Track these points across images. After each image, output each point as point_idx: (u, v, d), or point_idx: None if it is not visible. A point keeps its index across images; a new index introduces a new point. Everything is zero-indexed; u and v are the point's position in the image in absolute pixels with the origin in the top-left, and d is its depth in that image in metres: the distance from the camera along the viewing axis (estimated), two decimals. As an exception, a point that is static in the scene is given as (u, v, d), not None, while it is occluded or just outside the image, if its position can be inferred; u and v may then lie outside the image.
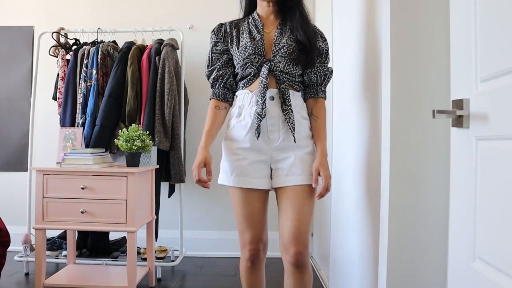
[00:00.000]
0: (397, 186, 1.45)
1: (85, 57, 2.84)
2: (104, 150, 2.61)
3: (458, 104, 1.08)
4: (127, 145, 2.37)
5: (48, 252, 2.78)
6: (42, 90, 3.15)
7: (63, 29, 2.98)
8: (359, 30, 1.90)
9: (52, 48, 2.99)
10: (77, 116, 2.81)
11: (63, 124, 2.85)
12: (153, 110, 2.77)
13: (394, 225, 1.45)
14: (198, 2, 3.33)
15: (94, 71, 2.79)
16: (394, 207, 1.45)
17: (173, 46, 2.87)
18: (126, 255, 2.36)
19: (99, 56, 2.81)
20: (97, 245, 2.95)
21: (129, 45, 2.87)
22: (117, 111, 2.79)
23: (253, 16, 1.67)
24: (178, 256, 2.99)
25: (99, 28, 2.95)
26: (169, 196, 3.05)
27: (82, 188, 2.31)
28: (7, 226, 2.14)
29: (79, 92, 2.82)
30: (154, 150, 2.62)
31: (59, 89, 2.92)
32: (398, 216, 1.45)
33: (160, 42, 2.88)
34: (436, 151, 1.43)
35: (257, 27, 1.63)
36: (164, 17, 3.26)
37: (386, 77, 1.48)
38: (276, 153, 1.57)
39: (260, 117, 1.52)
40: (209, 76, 1.69)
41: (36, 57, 2.96)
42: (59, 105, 2.92)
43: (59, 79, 2.93)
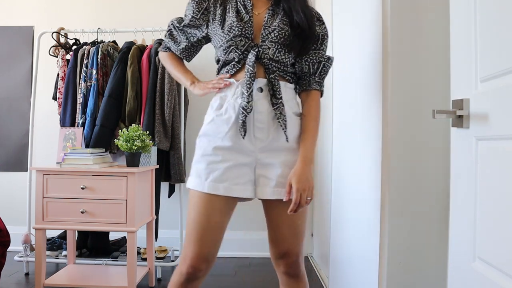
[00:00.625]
0: (397, 186, 1.45)
1: (85, 57, 2.84)
2: (104, 150, 2.61)
3: (458, 104, 1.08)
4: (127, 145, 2.37)
5: (48, 252, 2.78)
6: (42, 90, 3.15)
7: (63, 29, 2.98)
8: (359, 30, 1.90)
9: (52, 48, 2.99)
10: (77, 116, 2.81)
11: (63, 124, 2.85)
12: (153, 110, 2.77)
13: (394, 225, 1.45)
14: (198, 2, 3.32)
15: (94, 71, 2.79)
16: (394, 207, 1.45)
17: (173, 46, 2.87)
18: (126, 255, 2.36)
19: (99, 56, 2.81)
20: (97, 245, 2.95)
21: (129, 45, 2.87)
22: (117, 111, 2.79)
23: None
24: (178, 256, 2.99)
25: (99, 28, 2.95)
26: (169, 196, 3.05)
27: (82, 188, 2.31)
28: (7, 226, 2.14)
29: (79, 92, 2.82)
30: (154, 150, 2.62)
31: (59, 89, 2.92)
32: (398, 216, 1.45)
33: (160, 42, 2.88)
34: (436, 151, 1.43)
35: (245, 7, 1.40)
36: (164, 17, 3.25)
37: (386, 77, 1.48)
38: (263, 155, 1.33)
39: (246, 111, 1.29)
40: (171, 35, 1.53)
41: (36, 57, 2.96)
42: (59, 105, 2.92)
43: (59, 79, 2.93)
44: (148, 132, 2.52)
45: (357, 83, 1.94)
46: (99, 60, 2.80)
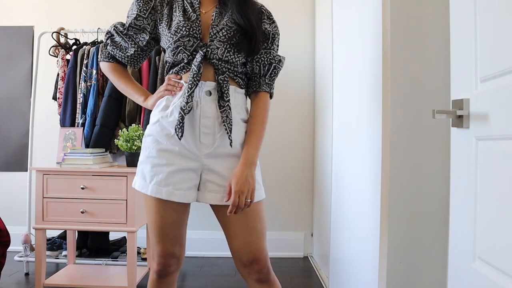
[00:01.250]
0: (397, 186, 1.46)
1: (85, 57, 2.84)
2: (104, 150, 2.61)
3: (458, 104, 1.08)
4: (127, 145, 2.37)
5: (48, 252, 2.78)
6: (42, 90, 3.14)
7: (63, 29, 2.98)
8: (359, 29, 1.90)
9: (52, 48, 2.99)
10: (77, 116, 2.81)
11: (63, 124, 2.85)
12: (153, 110, 2.77)
13: (394, 225, 1.45)
14: (198, 2, 3.32)
15: (94, 71, 2.79)
16: (394, 207, 1.45)
17: (173, 46, 2.87)
18: (126, 255, 2.36)
19: (99, 56, 2.81)
20: (97, 245, 2.95)
21: (129, 45, 2.87)
22: (117, 111, 2.79)
23: None
24: (178, 256, 2.99)
25: (99, 28, 2.95)
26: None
27: (82, 188, 2.31)
28: (7, 226, 2.14)
29: (79, 92, 2.82)
30: (154, 150, 2.62)
31: (59, 89, 2.92)
32: (398, 216, 1.45)
33: (160, 42, 2.88)
34: (436, 151, 1.43)
35: (192, 5, 1.36)
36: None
37: (386, 77, 1.48)
38: (209, 161, 1.30)
39: (183, 112, 1.25)
40: (112, 40, 1.44)
41: (36, 57, 2.96)
42: (59, 105, 2.92)
43: (59, 79, 2.93)
44: (148, 132, 2.52)
45: (357, 83, 1.94)
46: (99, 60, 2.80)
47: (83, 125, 2.77)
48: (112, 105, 2.75)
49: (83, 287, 2.34)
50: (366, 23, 1.79)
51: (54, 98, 2.99)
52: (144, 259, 2.72)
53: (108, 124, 2.74)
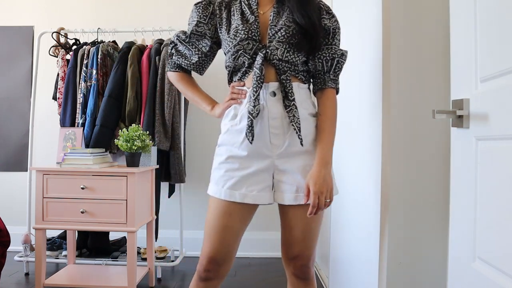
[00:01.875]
0: (397, 186, 1.45)
1: (85, 57, 2.84)
2: (104, 150, 2.61)
3: (458, 104, 1.08)
4: (127, 145, 2.37)
5: (48, 252, 2.78)
6: (42, 90, 3.14)
7: (63, 29, 2.98)
8: (359, 29, 1.90)
9: (52, 48, 2.99)
10: (77, 116, 2.82)
11: (63, 124, 2.85)
12: (153, 110, 2.77)
13: (394, 225, 1.45)
14: (198, 2, 3.32)
15: (94, 71, 2.79)
16: (394, 207, 1.45)
17: (173, 46, 2.87)
18: (126, 255, 2.36)
19: (99, 56, 2.81)
20: (97, 245, 2.95)
21: (129, 45, 2.87)
22: (117, 111, 2.79)
23: None
24: (178, 256, 2.99)
25: (99, 28, 2.95)
26: (169, 196, 3.04)
27: (82, 188, 2.31)
28: (7, 226, 2.14)
29: (79, 92, 2.82)
30: (154, 150, 2.62)
31: (59, 89, 2.92)
32: (398, 216, 1.45)
33: (160, 42, 2.88)
34: (436, 151, 1.43)
35: (250, 7, 1.35)
36: (164, 17, 3.26)
37: (386, 77, 1.48)
38: (281, 161, 1.31)
39: (251, 116, 1.25)
40: (177, 49, 1.46)
41: (36, 57, 2.96)
42: (59, 105, 2.92)
43: (59, 79, 2.93)
44: (148, 132, 2.52)
45: (357, 83, 1.94)
46: (99, 60, 2.80)
47: (83, 125, 2.77)
48: (112, 105, 2.75)
49: (83, 287, 2.34)
50: (366, 23, 1.79)
51: (54, 98, 2.99)
52: (144, 259, 2.72)
53: (108, 124, 2.74)
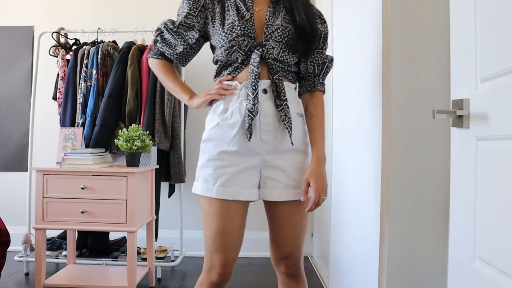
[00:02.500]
0: (397, 186, 1.46)
1: (85, 57, 2.84)
2: (104, 150, 2.61)
3: (458, 104, 1.08)
4: (127, 145, 2.37)
5: (48, 252, 2.78)
6: (42, 90, 3.15)
7: (63, 29, 2.98)
8: (359, 29, 1.90)
9: (52, 48, 2.99)
10: (77, 116, 2.81)
11: (63, 124, 2.85)
12: (153, 110, 2.77)
13: (394, 225, 1.45)
14: (198, 2, 3.32)
15: (94, 71, 2.79)
16: (394, 207, 1.45)
17: (173, 46, 2.87)
18: (126, 255, 2.36)
19: (99, 56, 2.81)
20: (97, 245, 2.95)
21: (129, 45, 2.87)
22: (117, 111, 2.79)
23: None
24: (178, 256, 2.99)
25: (99, 28, 2.95)
26: (169, 196, 3.05)
27: (82, 188, 2.31)
28: (7, 226, 2.14)
29: (79, 92, 2.82)
30: (154, 150, 2.62)
31: (59, 89, 2.92)
32: (398, 216, 1.45)
33: (160, 42, 2.88)
34: (436, 151, 1.43)
35: (245, 3, 1.35)
36: (165, 17, 3.25)
37: (386, 77, 1.48)
38: (270, 157, 1.32)
39: (252, 114, 1.26)
40: (163, 38, 1.44)
41: (36, 57, 2.96)
42: (59, 105, 2.92)
43: (59, 79, 2.93)
44: (148, 132, 2.52)
45: (357, 83, 1.94)
46: (99, 60, 2.80)
47: (83, 125, 2.77)
48: (112, 105, 2.75)
49: (83, 287, 2.34)
50: (366, 23, 1.79)
51: (54, 98, 2.99)
52: (144, 259, 2.72)
53: (108, 124, 2.74)
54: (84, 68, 2.82)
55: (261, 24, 1.34)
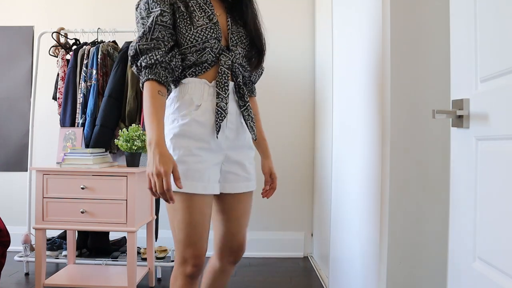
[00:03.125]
0: (397, 186, 1.46)
1: (85, 57, 2.84)
2: (104, 150, 2.61)
3: (458, 104, 1.08)
4: (127, 145, 2.37)
5: (48, 252, 2.78)
6: (42, 90, 3.15)
7: (63, 29, 2.98)
8: (359, 30, 1.90)
9: (52, 48, 2.99)
10: (77, 116, 2.82)
11: (63, 124, 2.85)
12: (153, 110, 2.77)
13: (394, 225, 1.45)
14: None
15: (94, 71, 2.79)
16: (394, 207, 1.45)
17: (173, 46, 2.87)
18: (126, 255, 2.36)
19: (99, 56, 2.81)
20: (97, 245, 2.95)
21: (129, 45, 2.87)
22: (117, 111, 2.79)
23: None
24: (178, 256, 2.99)
25: (99, 28, 2.95)
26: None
27: (82, 188, 2.31)
28: (7, 226, 2.14)
29: (79, 92, 2.82)
30: (154, 150, 2.62)
31: (59, 89, 2.92)
32: (398, 216, 1.45)
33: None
34: (436, 151, 1.43)
35: (207, 6, 1.36)
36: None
37: (386, 77, 1.48)
38: (231, 153, 1.40)
39: (225, 112, 1.32)
40: (142, 50, 1.29)
41: (36, 57, 2.96)
42: (59, 105, 2.92)
43: (59, 79, 2.93)
44: (148, 132, 2.52)
45: (356, 83, 1.94)
46: (99, 60, 2.80)
47: (83, 125, 2.77)
48: (112, 105, 2.75)
49: (83, 287, 2.34)
50: (366, 23, 1.79)
51: (54, 98, 2.99)
52: (144, 259, 2.72)
53: (108, 124, 2.74)
54: (84, 68, 2.82)
55: (224, 29, 1.39)
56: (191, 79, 1.35)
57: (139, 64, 1.30)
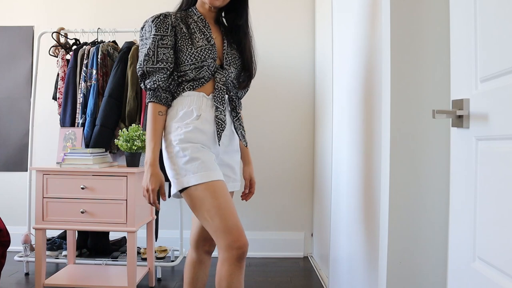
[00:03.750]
0: (397, 186, 1.46)
1: (85, 57, 2.84)
2: (104, 150, 2.61)
3: (458, 104, 1.08)
4: (127, 145, 2.37)
5: (48, 252, 2.78)
6: (42, 90, 3.15)
7: (63, 29, 2.98)
8: (359, 29, 1.90)
9: (52, 48, 2.99)
10: (77, 116, 2.82)
11: (63, 124, 2.85)
12: (153, 110, 2.77)
13: (394, 225, 1.45)
14: (198, 2, 3.32)
15: (94, 71, 2.79)
16: (394, 207, 1.45)
17: (173, 46, 2.87)
18: (126, 255, 2.36)
19: (99, 56, 2.81)
20: (97, 245, 2.95)
21: (129, 45, 2.87)
22: (117, 111, 2.79)
23: (195, 13, 1.58)
24: (178, 256, 2.99)
25: (99, 28, 2.95)
26: (169, 196, 3.04)
27: (82, 188, 2.31)
28: (7, 226, 2.14)
29: (79, 92, 2.82)
30: (154, 150, 2.62)
31: (59, 89, 2.92)
32: (398, 216, 1.45)
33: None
34: (436, 151, 1.43)
35: (206, 29, 1.56)
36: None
37: (386, 77, 1.48)
38: (225, 157, 1.60)
39: (224, 123, 1.51)
40: (149, 72, 1.49)
41: (36, 57, 2.96)
42: (59, 105, 2.92)
43: (59, 79, 2.93)
44: (148, 132, 2.52)
45: (357, 83, 1.94)
46: (99, 60, 2.80)
47: (83, 125, 2.77)
48: (112, 105, 2.75)
49: (83, 287, 2.34)
50: (367, 22, 1.79)
51: (54, 98, 2.99)
52: (144, 259, 2.72)
53: (108, 124, 2.74)
54: (84, 68, 2.82)
55: (219, 50, 1.58)
56: (190, 92, 1.52)
57: (145, 85, 1.52)
